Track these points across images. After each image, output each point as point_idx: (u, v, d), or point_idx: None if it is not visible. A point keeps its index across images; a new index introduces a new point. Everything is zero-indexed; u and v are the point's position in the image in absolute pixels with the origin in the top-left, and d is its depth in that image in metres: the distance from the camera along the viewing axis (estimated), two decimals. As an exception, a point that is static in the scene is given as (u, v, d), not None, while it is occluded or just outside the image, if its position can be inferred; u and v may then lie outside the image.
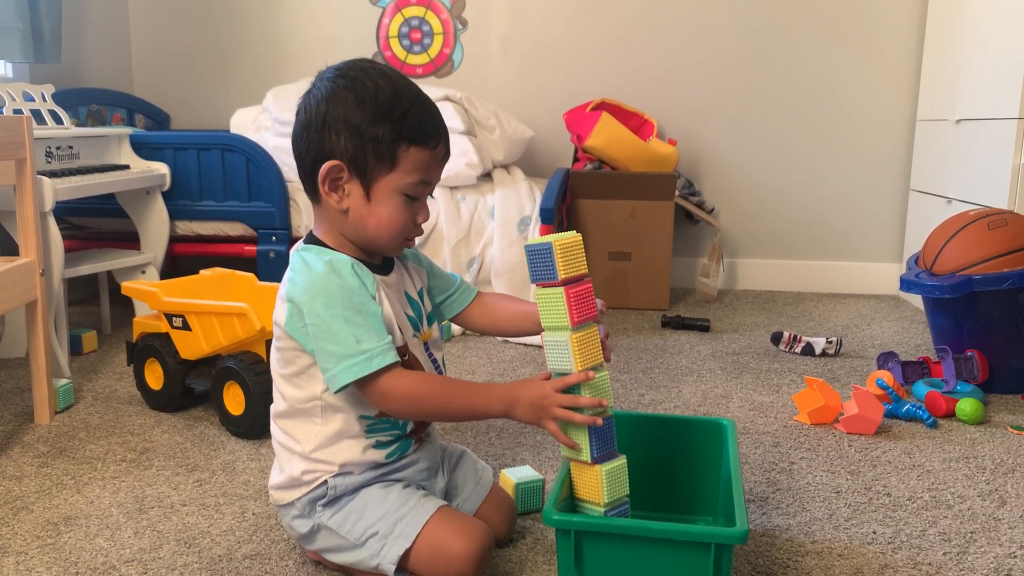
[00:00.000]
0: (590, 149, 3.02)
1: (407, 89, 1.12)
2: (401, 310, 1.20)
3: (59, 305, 2.15)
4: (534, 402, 1.08)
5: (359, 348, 1.07)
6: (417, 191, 1.14)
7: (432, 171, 1.15)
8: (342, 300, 1.08)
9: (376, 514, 1.14)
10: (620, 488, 1.13)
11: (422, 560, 1.11)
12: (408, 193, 1.13)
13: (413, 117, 1.10)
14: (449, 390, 1.12)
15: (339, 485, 1.16)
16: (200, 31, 3.50)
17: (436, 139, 1.13)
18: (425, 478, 1.24)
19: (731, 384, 2.14)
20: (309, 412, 1.17)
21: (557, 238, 1.07)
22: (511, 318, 1.32)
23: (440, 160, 1.16)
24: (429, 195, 1.19)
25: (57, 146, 2.39)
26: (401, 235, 1.15)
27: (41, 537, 1.33)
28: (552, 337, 1.10)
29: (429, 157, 1.13)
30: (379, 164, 1.11)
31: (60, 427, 1.81)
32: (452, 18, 3.40)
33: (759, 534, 1.35)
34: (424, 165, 1.13)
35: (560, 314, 1.08)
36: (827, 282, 3.37)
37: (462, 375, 2.18)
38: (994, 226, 2.08)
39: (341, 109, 1.09)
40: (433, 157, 1.14)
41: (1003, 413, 1.95)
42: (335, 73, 1.12)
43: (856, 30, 3.21)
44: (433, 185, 1.17)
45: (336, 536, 1.16)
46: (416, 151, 1.11)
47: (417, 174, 1.12)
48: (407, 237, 1.17)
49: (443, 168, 1.18)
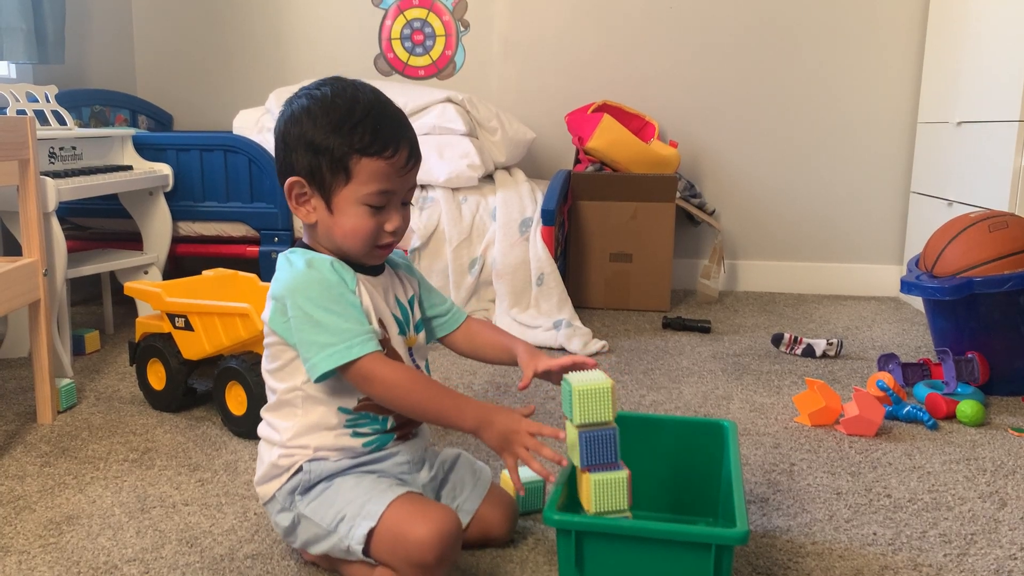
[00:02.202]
0: (591, 151, 3.02)
1: (364, 101, 1.13)
2: (387, 308, 1.22)
3: (62, 305, 2.15)
4: (504, 433, 1.10)
5: (340, 336, 1.10)
6: (378, 201, 1.14)
7: (391, 180, 1.14)
8: (321, 292, 1.12)
9: (347, 498, 1.15)
10: (614, 500, 1.09)
11: (384, 544, 1.10)
12: (369, 203, 1.14)
13: (364, 128, 1.11)
14: (429, 390, 1.13)
15: (314, 470, 1.17)
16: (203, 33, 3.51)
17: (391, 148, 1.13)
18: (405, 471, 1.23)
19: (732, 385, 2.14)
20: (291, 402, 1.19)
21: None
22: (492, 348, 1.33)
23: (400, 169, 1.15)
24: (407, 202, 1.20)
25: (60, 147, 2.40)
26: (368, 243, 1.16)
27: (43, 536, 1.33)
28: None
29: (385, 167, 1.13)
30: (334, 177, 1.13)
31: (62, 427, 1.81)
32: (454, 20, 3.41)
33: (760, 535, 1.36)
34: (381, 175, 1.13)
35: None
36: (828, 284, 3.37)
37: (463, 376, 2.19)
38: (995, 228, 2.09)
39: (299, 127, 1.14)
40: (390, 167, 1.13)
41: (1003, 415, 1.95)
42: (302, 92, 1.16)
43: (857, 33, 3.21)
44: (399, 194, 1.17)
45: (313, 525, 1.17)
46: (369, 162, 1.12)
47: (374, 184, 1.13)
48: (377, 244, 1.17)
49: (410, 176, 1.17)
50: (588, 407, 1.09)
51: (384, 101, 1.17)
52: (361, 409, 1.18)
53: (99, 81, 3.26)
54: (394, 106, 1.18)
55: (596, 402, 1.09)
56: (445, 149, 2.80)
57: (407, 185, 1.18)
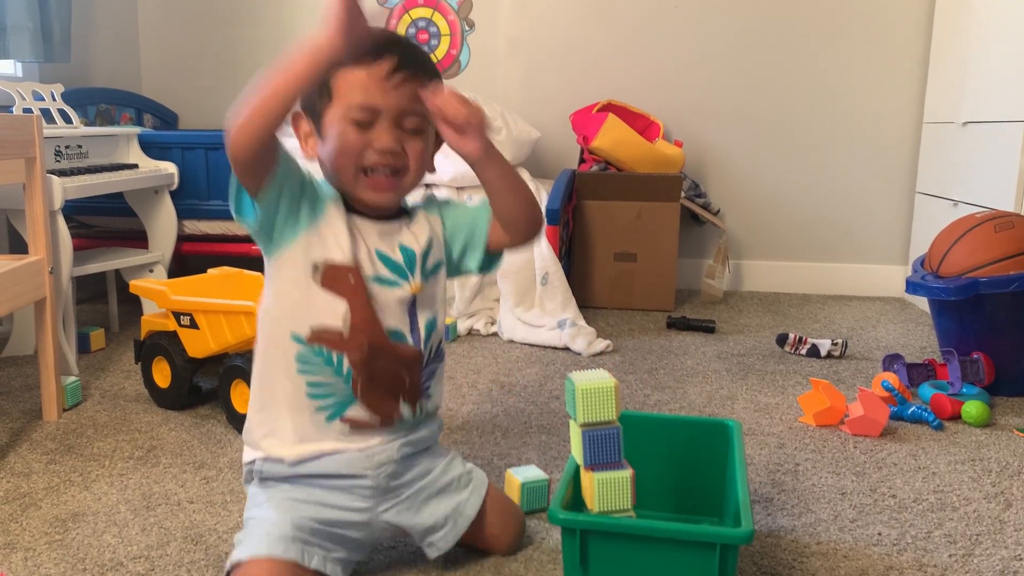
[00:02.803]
0: (596, 150, 3.02)
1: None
2: (371, 248, 1.13)
3: (67, 303, 2.16)
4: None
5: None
6: (361, 115, 1.07)
7: (373, 93, 1.06)
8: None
9: (261, 513, 1.11)
10: (618, 499, 1.10)
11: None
12: (353, 119, 1.07)
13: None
14: (267, 77, 1.03)
15: (264, 471, 1.16)
16: (208, 31, 3.51)
17: (371, 55, 1.05)
18: (361, 508, 1.15)
19: (736, 385, 2.14)
20: (260, 351, 1.17)
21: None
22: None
23: (382, 80, 1.06)
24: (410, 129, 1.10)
25: (66, 145, 2.40)
26: (353, 162, 1.08)
27: (49, 533, 1.34)
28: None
29: (364, 77, 1.06)
30: (321, 100, 1.08)
31: (68, 424, 1.82)
32: (459, 19, 3.41)
33: (764, 535, 1.36)
34: (359, 86, 1.06)
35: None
36: (833, 284, 3.37)
37: (467, 375, 2.19)
38: (1000, 228, 2.08)
39: None
40: (369, 76, 1.06)
41: (1009, 415, 1.95)
42: None
43: (863, 33, 3.20)
44: (389, 111, 1.07)
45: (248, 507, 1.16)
46: (348, 73, 1.06)
47: (355, 96, 1.06)
48: (364, 166, 1.09)
49: (401, 91, 1.07)
50: (591, 406, 1.10)
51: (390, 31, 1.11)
52: (314, 341, 1.11)
53: (105, 80, 3.26)
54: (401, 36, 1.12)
55: (599, 401, 1.10)
56: (450, 148, 2.80)
57: (398, 101, 1.07)
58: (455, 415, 1.89)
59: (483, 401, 1.99)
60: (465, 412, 1.91)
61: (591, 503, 1.11)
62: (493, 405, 1.96)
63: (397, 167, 1.10)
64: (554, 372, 2.23)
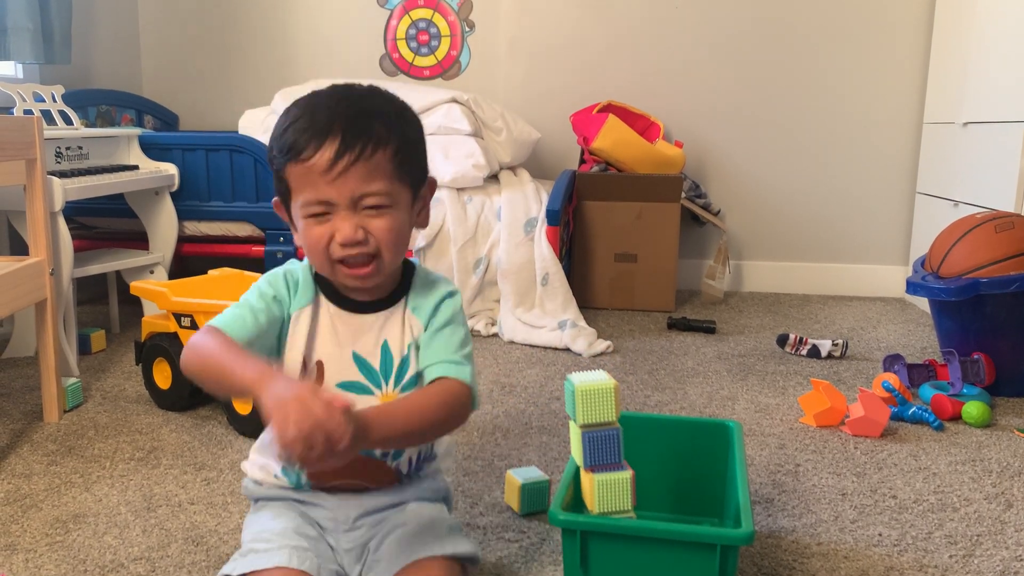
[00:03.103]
0: (597, 151, 3.02)
1: (308, 101, 1.00)
2: (339, 352, 1.05)
3: (68, 304, 2.16)
4: (283, 392, 0.85)
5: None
6: (316, 210, 0.98)
7: (318, 186, 0.97)
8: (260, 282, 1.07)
9: (251, 531, 1.07)
10: (618, 500, 1.10)
11: None
12: (310, 214, 0.99)
13: (289, 132, 0.98)
14: (220, 347, 0.96)
15: (249, 488, 1.13)
16: (209, 33, 3.51)
17: (308, 148, 0.96)
18: (330, 526, 1.09)
19: (737, 386, 2.14)
20: None
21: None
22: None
23: (324, 172, 0.96)
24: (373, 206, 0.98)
25: (67, 146, 2.40)
26: (322, 256, 1.00)
27: (50, 535, 1.34)
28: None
29: (304, 171, 0.97)
30: (283, 193, 1.03)
31: (69, 426, 1.82)
32: (459, 20, 3.41)
33: (765, 536, 1.36)
34: (304, 181, 0.97)
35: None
36: (833, 284, 3.37)
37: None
38: (1001, 229, 2.08)
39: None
40: (308, 171, 0.96)
41: (1009, 416, 1.95)
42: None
43: (863, 33, 3.20)
44: (341, 201, 0.97)
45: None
46: (292, 168, 0.98)
47: (306, 193, 0.98)
48: (335, 260, 1.00)
49: (348, 178, 0.96)
50: (591, 407, 1.10)
51: (348, 96, 1.01)
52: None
53: (105, 81, 3.26)
54: (362, 98, 1.01)
55: (599, 402, 1.10)
56: (450, 149, 2.80)
57: (348, 189, 0.97)
58: (456, 416, 1.89)
59: (483, 402, 1.99)
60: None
61: (591, 504, 1.11)
62: (493, 406, 1.97)
63: (367, 254, 1.00)
64: (554, 373, 2.23)
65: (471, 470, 1.60)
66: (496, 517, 1.41)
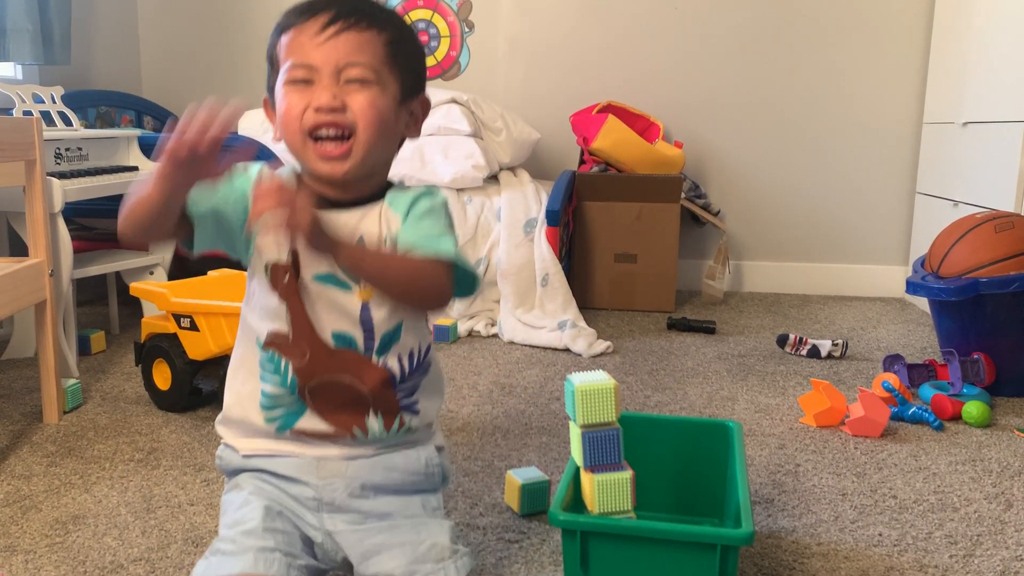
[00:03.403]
0: (596, 151, 3.02)
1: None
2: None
3: (68, 305, 2.16)
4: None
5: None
6: (297, 74, 0.97)
7: (306, 50, 0.96)
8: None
9: (224, 520, 1.05)
10: (618, 501, 1.10)
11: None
12: (290, 79, 0.97)
13: (287, 12, 1.01)
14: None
15: (224, 458, 1.10)
16: (208, 34, 3.51)
17: (306, 14, 0.98)
18: (309, 516, 1.05)
19: (737, 386, 2.14)
20: (236, 350, 1.10)
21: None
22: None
23: (315, 34, 0.96)
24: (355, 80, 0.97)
25: (66, 147, 2.40)
26: (298, 128, 0.97)
27: (50, 536, 1.34)
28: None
29: (297, 35, 0.98)
30: (271, 75, 1.02)
31: (68, 427, 1.82)
32: (459, 21, 3.41)
33: (765, 536, 1.36)
34: (295, 46, 0.98)
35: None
36: (833, 284, 3.37)
37: (467, 376, 2.19)
38: (1001, 229, 2.08)
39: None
40: (302, 33, 0.98)
41: (1009, 416, 1.94)
42: None
43: (862, 33, 3.20)
44: (326, 66, 0.96)
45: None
46: (286, 38, 0.99)
47: (289, 58, 0.98)
48: (309, 130, 0.96)
49: (338, 43, 0.96)
50: (591, 408, 1.10)
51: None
52: (268, 346, 1.03)
53: (105, 82, 3.26)
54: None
55: (599, 403, 1.10)
56: (450, 150, 2.80)
57: (334, 54, 0.96)
58: (455, 416, 1.89)
59: (483, 403, 1.99)
60: (465, 413, 1.91)
61: (591, 505, 1.11)
62: (493, 406, 1.96)
63: (342, 127, 0.96)
64: (554, 373, 2.23)
65: (471, 471, 1.60)
66: (496, 518, 1.41)
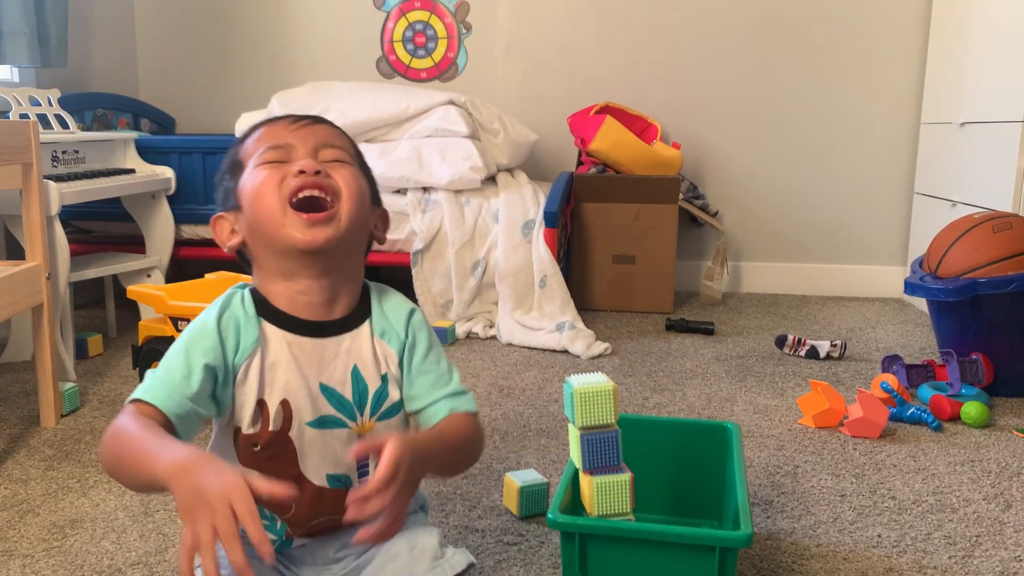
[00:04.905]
0: (594, 153, 3.02)
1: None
2: (313, 383, 0.94)
3: (65, 309, 2.15)
4: (199, 491, 0.74)
5: (146, 379, 0.90)
6: (274, 155, 0.94)
7: (281, 134, 0.95)
8: (187, 332, 0.93)
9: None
10: (617, 503, 1.10)
11: None
12: (266, 161, 0.93)
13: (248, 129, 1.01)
14: (138, 432, 0.82)
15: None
16: (206, 36, 3.51)
17: (272, 119, 0.99)
18: (307, 558, 1.00)
19: (735, 387, 2.14)
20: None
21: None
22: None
23: (289, 125, 0.96)
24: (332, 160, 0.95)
25: (63, 150, 2.40)
26: (276, 196, 0.91)
27: (47, 540, 1.34)
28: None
29: (266, 128, 0.97)
30: (234, 178, 0.97)
31: (66, 430, 1.81)
32: (456, 22, 3.41)
33: (764, 537, 1.35)
34: (268, 134, 0.96)
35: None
36: (831, 285, 3.37)
37: (466, 378, 2.19)
38: (999, 229, 2.08)
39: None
40: (271, 126, 0.97)
41: (1008, 416, 1.94)
42: None
43: (860, 34, 3.21)
44: (302, 145, 0.94)
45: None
46: (255, 135, 0.98)
47: (262, 145, 0.95)
48: (290, 195, 0.91)
49: (313, 131, 0.96)
50: (590, 410, 1.09)
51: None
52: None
53: (102, 84, 3.26)
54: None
55: (598, 405, 1.09)
56: (447, 151, 2.80)
57: (311, 137, 0.95)
58: (454, 419, 1.89)
59: (482, 404, 1.99)
60: (464, 416, 1.91)
61: (590, 507, 1.11)
62: (492, 408, 1.96)
63: (326, 189, 0.92)
64: (553, 375, 2.23)
65: (469, 473, 1.59)
66: (495, 520, 1.41)
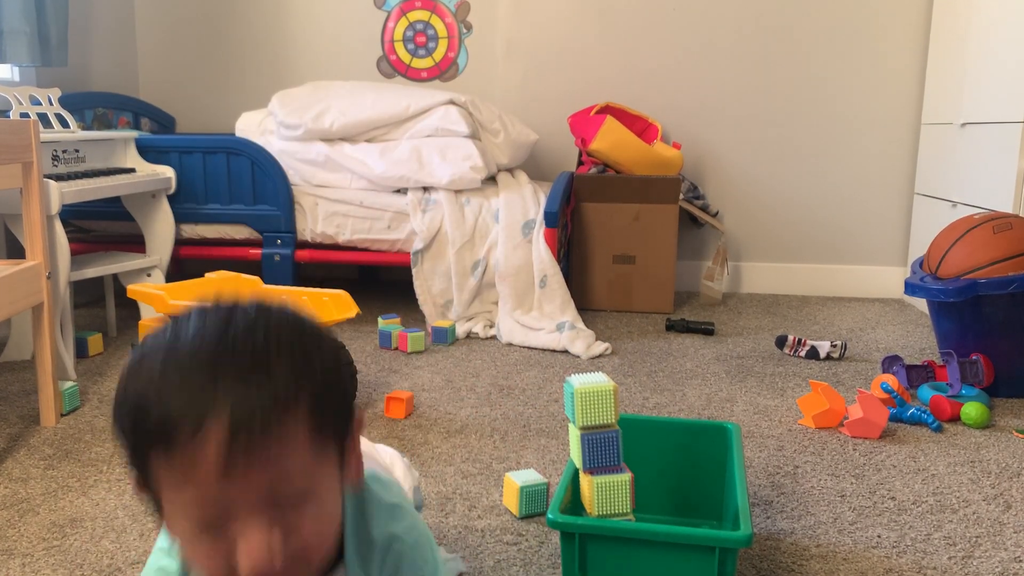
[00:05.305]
0: (594, 153, 3.02)
1: (169, 347, 0.70)
2: None
3: (65, 308, 2.15)
4: None
5: None
6: (199, 516, 0.64)
7: (201, 484, 0.62)
8: None
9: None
10: (617, 503, 1.11)
11: None
12: (193, 524, 0.65)
13: (146, 397, 0.67)
14: None
15: None
16: (206, 35, 3.51)
17: (178, 429, 0.62)
18: None
19: (735, 388, 2.14)
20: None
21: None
22: None
23: (210, 458, 0.62)
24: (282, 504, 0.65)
25: (63, 149, 2.40)
26: (223, 570, 0.65)
27: (47, 539, 1.33)
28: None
29: (178, 460, 0.63)
30: (145, 484, 0.69)
31: (66, 430, 1.81)
32: (457, 22, 3.41)
33: (763, 538, 1.35)
34: (179, 476, 0.63)
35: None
36: (832, 286, 3.37)
37: (466, 378, 2.19)
38: (999, 230, 2.08)
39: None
40: (184, 462, 0.62)
41: (1008, 417, 1.94)
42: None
43: (861, 34, 3.20)
44: (233, 499, 0.63)
45: None
46: (158, 459, 0.64)
47: (181, 492, 0.64)
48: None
49: (247, 474, 0.62)
50: (590, 410, 1.09)
51: (228, 332, 0.66)
52: None
53: (102, 84, 3.26)
54: (250, 332, 0.66)
55: (598, 405, 1.09)
56: (448, 151, 2.80)
57: (252, 485, 0.63)
58: (454, 419, 1.89)
59: (481, 404, 1.99)
60: (463, 415, 1.91)
61: (590, 507, 1.11)
62: (492, 408, 1.96)
63: (289, 562, 0.66)
64: (553, 375, 2.23)
65: (469, 473, 1.59)
66: (495, 520, 1.41)
